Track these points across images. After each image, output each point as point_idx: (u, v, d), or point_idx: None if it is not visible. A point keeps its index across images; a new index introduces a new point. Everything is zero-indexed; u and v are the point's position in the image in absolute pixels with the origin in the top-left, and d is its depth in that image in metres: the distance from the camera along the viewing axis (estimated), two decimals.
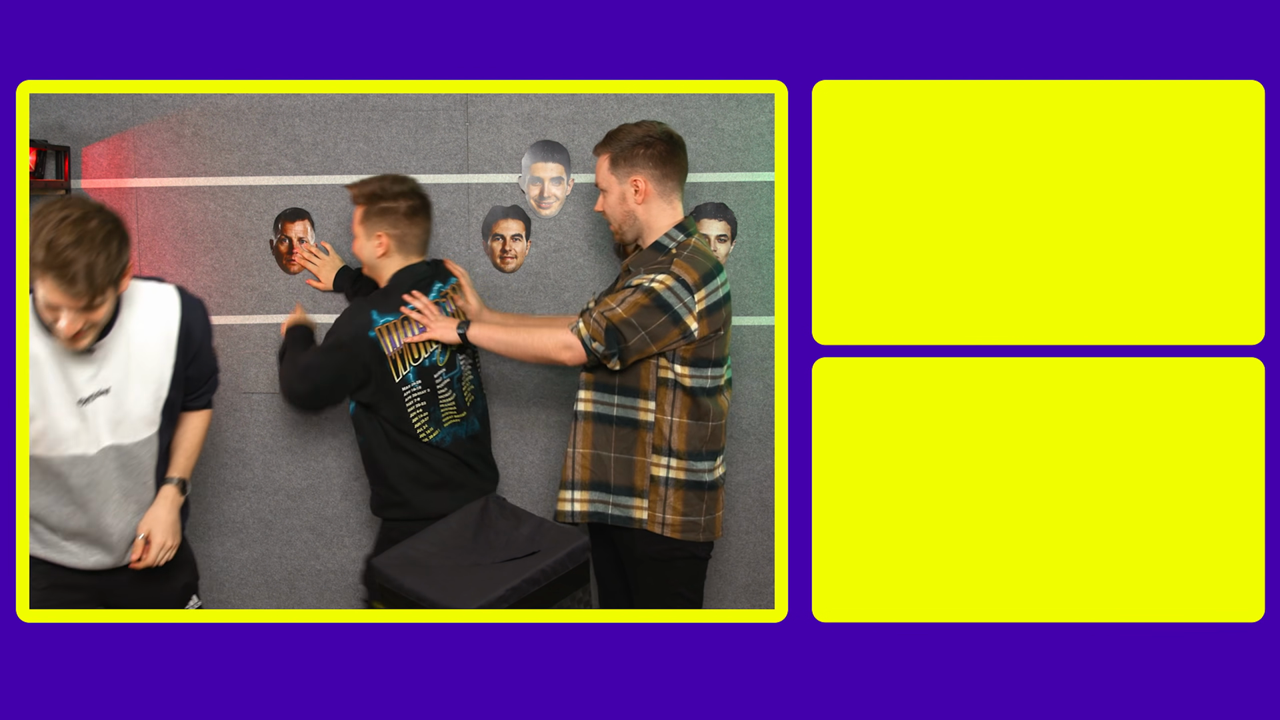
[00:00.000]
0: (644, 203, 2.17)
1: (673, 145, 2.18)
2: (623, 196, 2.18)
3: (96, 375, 1.82)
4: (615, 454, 2.19)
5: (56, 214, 1.65)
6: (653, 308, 2.07)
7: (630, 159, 2.16)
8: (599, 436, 2.19)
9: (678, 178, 2.20)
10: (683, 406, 2.16)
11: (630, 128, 2.19)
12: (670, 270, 2.09)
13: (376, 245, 2.30)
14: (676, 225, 2.19)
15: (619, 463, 2.19)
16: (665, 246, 2.17)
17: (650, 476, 2.18)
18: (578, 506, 2.21)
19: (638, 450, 2.18)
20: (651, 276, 2.09)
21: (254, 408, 2.65)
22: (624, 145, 2.17)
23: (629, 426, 2.18)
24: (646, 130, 2.17)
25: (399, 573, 1.91)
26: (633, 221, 2.20)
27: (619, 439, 2.19)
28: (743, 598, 2.70)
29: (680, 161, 2.20)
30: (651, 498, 2.18)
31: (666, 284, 2.07)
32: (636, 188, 2.16)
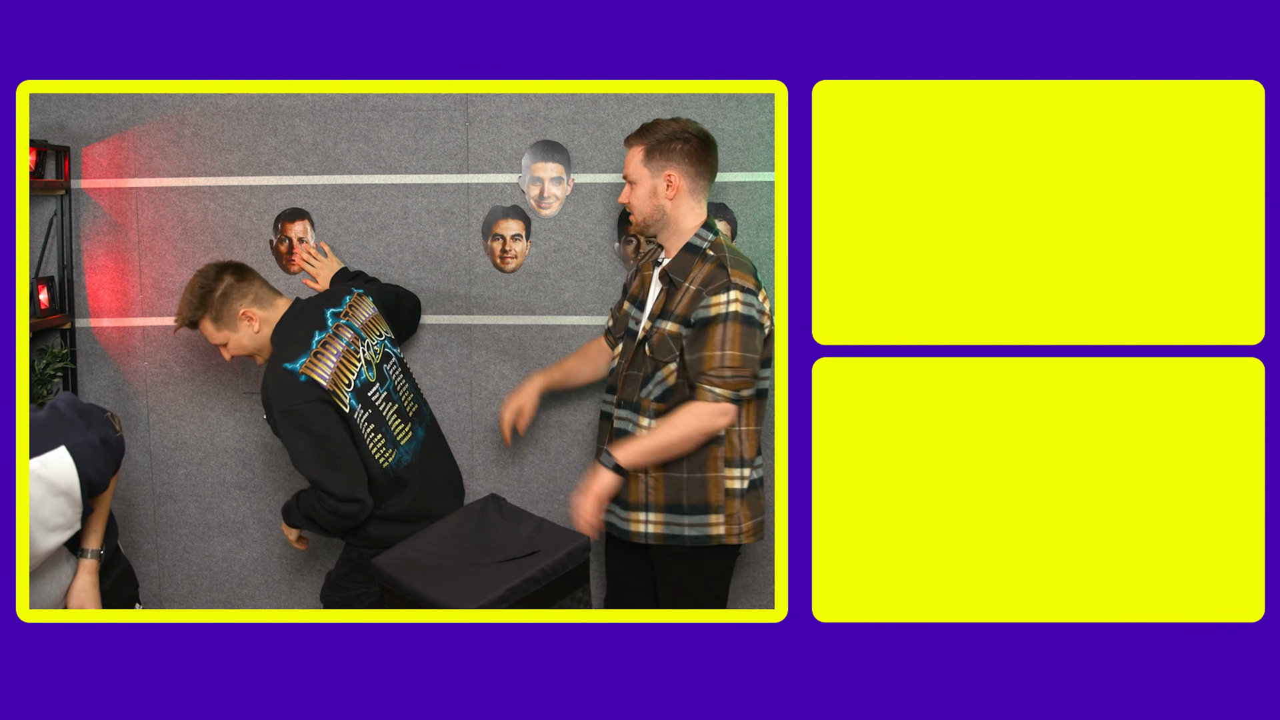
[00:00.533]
0: (674, 199, 2.15)
1: (708, 144, 2.16)
2: (654, 190, 2.15)
3: None
4: (688, 474, 2.15)
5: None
6: (749, 331, 2.07)
7: (666, 153, 2.13)
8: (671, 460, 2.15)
9: (709, 177, 2.18)
10: (751, 413, 2.17)
11: (666, 122, 2.16)
12: (735, 285, 2.06)
13: (248, 322, 2.22)
14: (704, 225, 2.18)
15: (692, 482, 2.15)
16: (699, 248, 2.15)
17: (725, 490, 2.17)
18: (651, 529, 2.18)
19: (709, 467, 2.15)
20: (723, 300, 2.06)
21: (254, 408, 2.65)
22: (660, 138, 2.13)
23: (702, 445, 2.15)
24: (683, 126, 2.15)
25: (399, 572, 1.91)
26: (660, 216, 2.17)
27: (691, 459, 2.15)
28: (743, 598, 2.70)
29: (713, 162, 2.18)
30: (728, 511, 2.17)
31: (741, 300, 2.06)
32: (670, 182, 2.14)
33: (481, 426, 2.66)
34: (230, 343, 2.23)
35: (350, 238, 2.59)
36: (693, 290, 2.10)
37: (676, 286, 2.13)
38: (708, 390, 2.07)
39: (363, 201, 2.57)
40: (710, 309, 2.06)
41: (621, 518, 2.21)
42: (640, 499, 2.18)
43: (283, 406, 2.14)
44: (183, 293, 2.23)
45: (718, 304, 2.06)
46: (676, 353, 2.12)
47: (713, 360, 2.06)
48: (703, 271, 2.11)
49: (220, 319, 2.21)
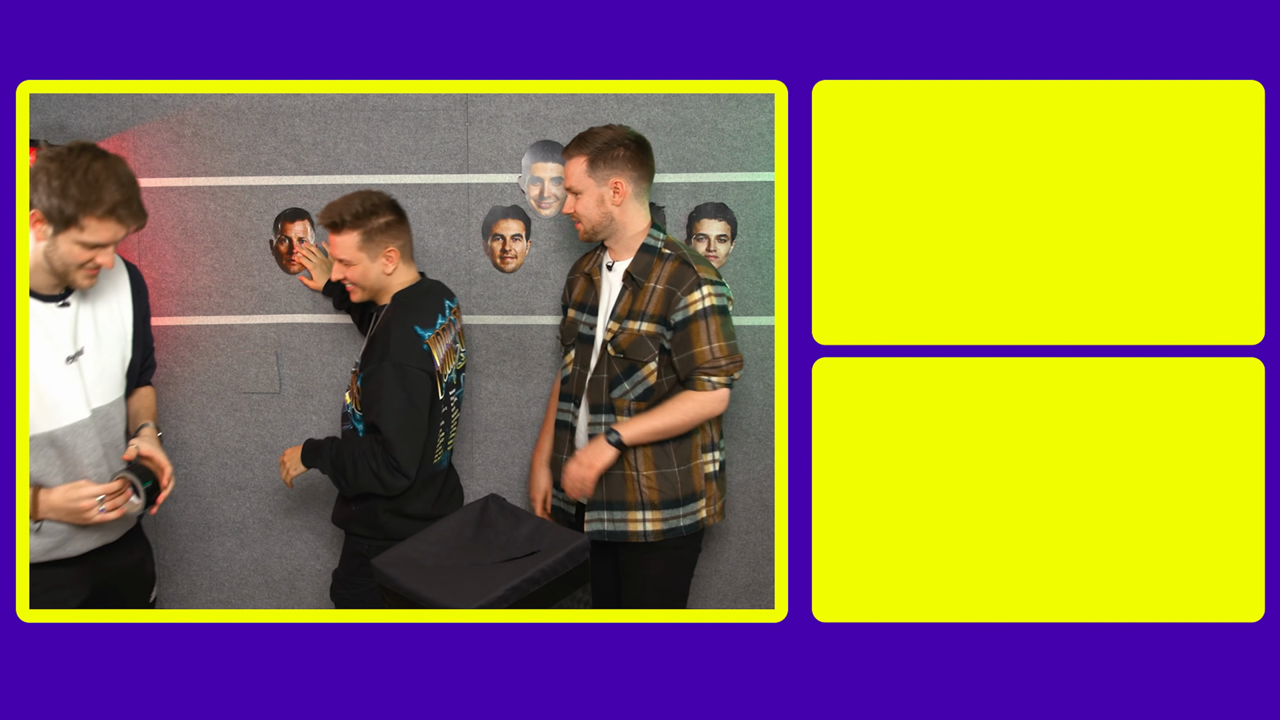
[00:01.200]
0: (621, 204, 2.21)
1: (645, 148, 2.23)
2: (601, 199, 2.20)
3: (74, 335, 1.85)
4: (679, 466, 2.24)
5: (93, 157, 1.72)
6: (727, 319, 2.18)
7: (609, 160, 2.18)
8: (660, 456, 2.23)
9: (649, 179, 2.25)
10: None
11: (601, 130, 2.20)
12: (704, 280, 2.15)
13: (387, 261, 2.24)
14: (653, 226, 2.25)
15: (683, 474, 2.24)
16: (655, 248, 2.22)
17: (705, 475, 2.27)
18: (650, 526, 2.24)
19: (694, 456, 2.26)
20: (698, 297, 2.15)
21: (254, 407, 2.65)
22: (601, 146, 2.18)
23: (685, 438, 2.24)
24: (620, 132, 2.20)
25: (399, 572, 1.91)
26: (609, 223, 2.22)
27: (678, 451, 2.24)
28: (743, 598, 2.70)
29: (651, 164, 2.24)
30: (708, 495, 2.28)
31: (714, 293, 2.16)
32: (617, 189, 2.19)
33: (481, 426, 2.67)
34: (359, 268, 2.23)
35: None
36: (661, 289, 2.18)
37: (640, 286, 2.20)
38: (706, 381, 2.16)
39: None
40: (689, 308, 2.15)
41: (615, 519, 2.24)
42: (636, 498, 2.22)
43: (399, 360, 2.16)
44: (342, 199, 2.23)
45: (694, 301, 2.15)
46: (655, 352, 2.18)
47: (705, 355, 2.16)
48: (666, 270, 2.19)
49: (369, 243, 2.21)
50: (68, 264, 1.77)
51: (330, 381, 2.64)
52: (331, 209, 2.21)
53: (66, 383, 1.83)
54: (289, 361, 2.64)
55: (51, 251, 1.75)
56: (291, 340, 2.63)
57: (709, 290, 2.15)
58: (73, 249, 1.75)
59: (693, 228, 2.55)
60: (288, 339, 2.62)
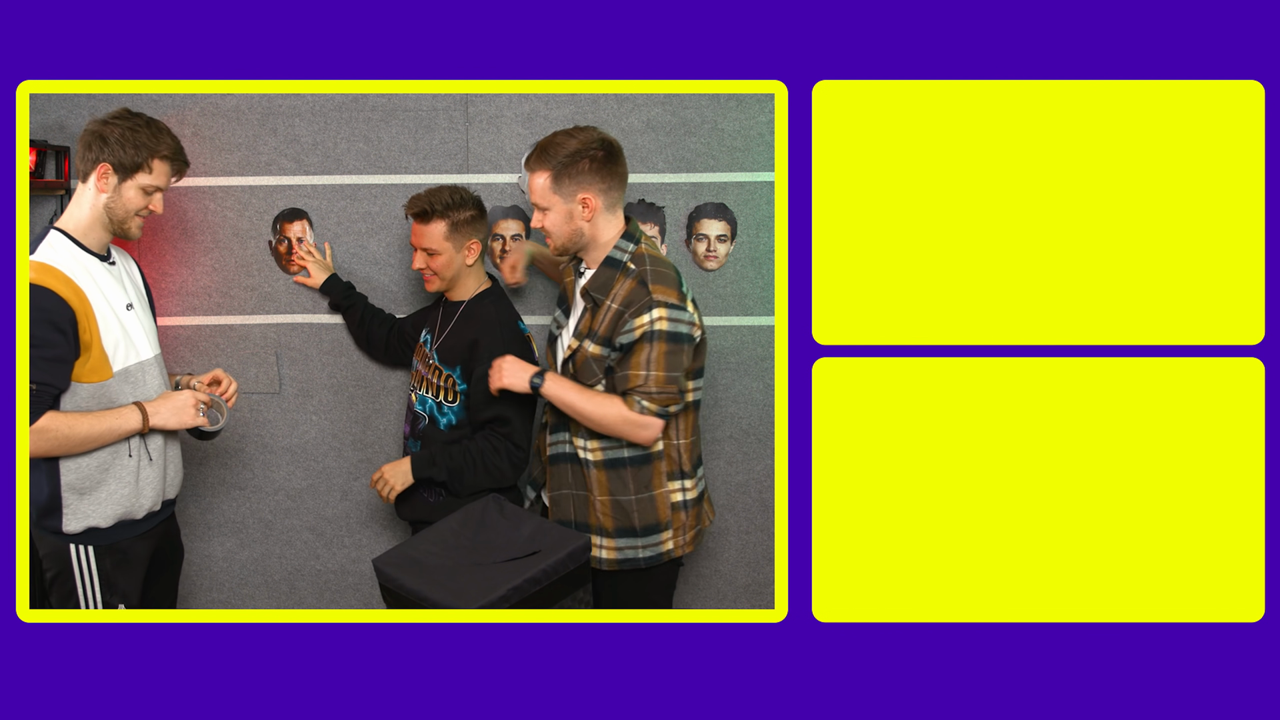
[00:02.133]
0: (591, 219, 2.05)
1: (614, 153, 2.05)
2: (569, 215, 2.04)
3: (124, 290, 2.03)
4: (636, 495, 2.13)
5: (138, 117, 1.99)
6: (674, 349, 2.01)
7: (575, 174, 2.01)
8: (615, 482, 2.12)
9: (621, 186, 2.08)
10: (686, 425, 2.15)
11: (565, 139, 2.03)
12: (658, 303, 1.99)
13: (471, 252, 2.30)
14: (623, 235, 2.08)
15: (641, 503, 2.13)
16: (619, 262, 2.07)
17: (672, 505, 2.15)
18: (605, 554, 2.14)
19: (655, 484, 2.13)
20: (646, 321, 1.99)
21: (254, 408, 2.65)
22: (564, 160, 2.01)
23: (644, 464, 2.12)
24: (585, 140, 2.02)
25: (400, 572, 1.91)
26: (579, 238, 2.07)
27: (635, 478, 2.12)
28: (743, 598, 2.70)
29: (622, 169, 2.07)
30: (675, 526, 2.16)
31: (664, 316, 1.99)
32: (586, 204, 2.03)
33: None
34: (444, 258, 2.28)
35: (350, 238, 2.59)
36: (614, 309, 2.03)
37: (599, 305, 2.06)
38: (635, 401, 2.03)
39: (363, 201, 2.57)
40: (635, 331, 2.00)
41: None
42: (596, 523, 2.14)
43: (519, 353, 2.25)
44: (429, 191, 2.29)
45: (641, 325, 1.99)
46: (600, 376, 2.08)
47: (637, 379, 2.01)
48: (624, 289, 2.03)
49: (454, 234, 2.27)
50: (128, 210, 1.98)
51: (330, 381, 2.64)
52: (419, 199, 2.28)
53: (133, 325, 2.02)
54: (289, 361, 2.64)
55: (114, 201, 1.97)
56: (291, 340, 2.63)
57: (660, 314, 1.98)
58: (135, 196, 1.98)
59: (693, 228, 2.55)
60: (288, 339, 2.62)
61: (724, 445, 2.64)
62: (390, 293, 2.60)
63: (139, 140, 1.95)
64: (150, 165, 1.97)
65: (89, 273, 1.95)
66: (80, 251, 1.96)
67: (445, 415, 2.31)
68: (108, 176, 1.95)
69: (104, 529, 1.98)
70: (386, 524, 2.70)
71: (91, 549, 1.98)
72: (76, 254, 1.95)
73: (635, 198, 2.54)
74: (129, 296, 2.04)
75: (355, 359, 2.63)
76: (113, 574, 2.00)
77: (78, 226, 1.97)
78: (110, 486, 1.97)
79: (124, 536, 2.02)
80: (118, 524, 2.00)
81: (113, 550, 2.00)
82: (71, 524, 1.95)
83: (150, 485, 2.04)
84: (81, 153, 1.96)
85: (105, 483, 1.96)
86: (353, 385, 2.64)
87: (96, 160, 1.95)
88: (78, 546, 1.97)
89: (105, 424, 1.92)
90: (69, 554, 1.97)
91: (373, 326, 2.54)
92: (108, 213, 1.97)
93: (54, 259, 1.91)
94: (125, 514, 2.00)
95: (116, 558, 2.01)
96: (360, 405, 2.65)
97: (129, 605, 2.03)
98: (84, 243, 1.97)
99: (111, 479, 1.97)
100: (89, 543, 1.98)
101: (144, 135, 1.95)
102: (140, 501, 2.02)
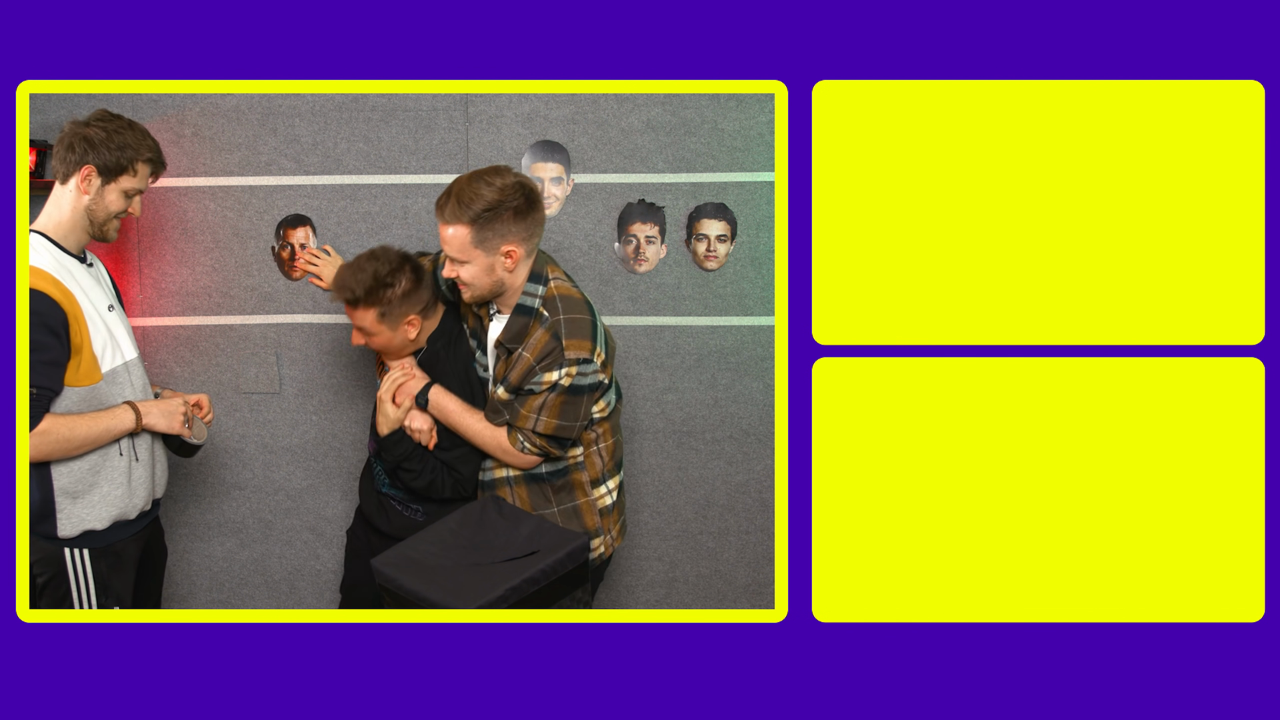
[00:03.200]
0: (514, 268, 2.00)
1: (533, 198, 1.98)
2: (490, 267, 1.97)
3: (104, 291, 2.03)
4: (559, 507, 2.13)
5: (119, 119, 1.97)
6: (572, 400, 2.00)
7: (497, 227, 1.94)
8: (536, 498, 2.12)
9: (541, 231, 2.02)
10: (604, 431, 2.15)
11: (482, 188, 1.93)
12: (568, 361, 1.96)
13: (408, 329, 2.14)
14: (530, 278, 2.03)
15: (565, 514, 2.13)
16: (530, 308, 2.02)
17: (599, 511, 2.16)
18: None
19: (578, 494, 2.14)
20: (553, 376, 1.97)
21: (254, 408, 2.65)
22: (484, 213, 1.92)
23: (561, 476, 2.12)
24: (502, 187, 1.93)
25: (399, 572, 1.91)
26: (499, 288, 2.02)
27: (557, 491, 2.13)
28: (743, 598, 2.70)
29: (541, 214, 2.00)
30: (605, 528, 2.17)
31: (572, 374, 1.97)
32: (510, 256, 1.97)
33: None
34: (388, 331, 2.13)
35: (350, 238, 2.59)
36: (527, 359, 2.00)
37: (511, 353, 2.04)
38: (518, 438, 2.04)
39: (363, 202, 2.57)
40: (541, 384, 1.99)
41: None
42: None
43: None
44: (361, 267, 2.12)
45: (548, 380, 1.98)
46: (506, 416, 2.07)
47: (526, 420, 2.01)
48: (538, 340, 1.99)
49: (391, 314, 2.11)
50: (109, 213, 1.97)
51: (330, 381, 2.64)
52: (344, 286, 2.13)
53: (116, 325, 2.02)
54: (289, 361, 2.64)
55: (96, 203, 1.95)
56: (291, 340, 2.63)
57: (568, 372, 1.96)
58: (116, 199, 1.97)
59: (693, 228, 2.55)
60: (288, 339, 2.62)
61: (724, 445, 2.64)
62: None
63: (123, 142, 1.93)
64: (134, 167, 1.96)
65: (71, 275, 1.94)
66: (61, 254, 1.95)
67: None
68: (91, 179, 1.93)
69: (100, 531, 1.98)
70: None
71: (87, 552, 1.98)
72: (58, 256, 1.94)
73: (635, 198, 2.54)
74: (109, 297, 2.05)
75: (355, 359, 2.63)
76: (108, 576, 2.01)
77: (58, 229, 1.95)
78: (104, 489, 1.97)
79: (118, 538, 2.02)
80: (113, 525, 2.00)
81: (107, 552, 2.00)
82: (66, 528, 1.95)
83: (142, 484, 2.04)
84: (62, 154, 1.93)
85: (98, 485, 1.96)
86: (353, 385, 2.64)
87: (80, 162, 1.92)
88: (73, 550, 1.97)
89: (102, 424, 1.92)
90: (63, 558, 1.97)
91: None
92: (88, 215, 1.96)
93: (39, 262, 1.90)
94: (120, 515, 2.00)
95: (111, 560, 2.01)
96: (360, 405, 2.65)
97: (123, 607, 2.03)
98: (64, 245, 1.96)
99: (104, 480, 1.97)
100: (84, 546, 1.98)
101: (128, 137, 1.94)
102: (134, 501, 2.02)
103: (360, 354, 2.63)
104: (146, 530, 2.12)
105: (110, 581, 2.01)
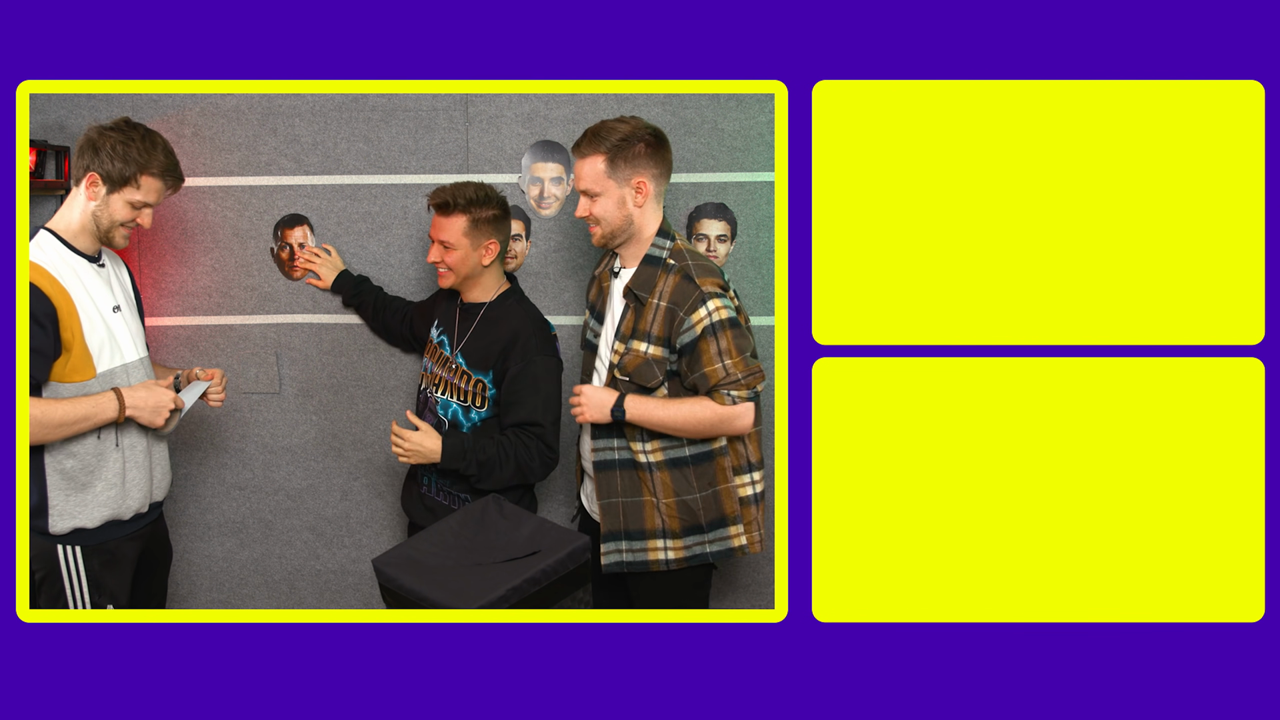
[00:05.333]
0: (643, 205, 2.07)
1: (662, 140, 2.08)
2: (622, 200, 2.05)
3: (111, 292, 2.05)
4: (700, 493, 2.11)
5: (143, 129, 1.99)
6: (737, 331, 2.02)
7: (630, 158, 2.03)
8: (679, 483, 2.10)
9: (669, 176, 2.12)
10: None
11: (616, 124, 2.05)
12: (709, 295, 2.00)
13: (484, 253, 2.27)
14: (659, 232, 2.10)
15: (705, 500, 2.11)
16: (659, 259, 2.07)
17: (740, 499, 2.14)
18: (672, 554, 2.13)
19: (719, 479, 2.12)
20: (703, 314, 2.00)
21: (254, 408, 2.65)
22: (619, 143, 2.03)
23: (706, 461, 2.11)
24: (637, 126, 2.05)
25: (400, 572, 1.91)
26: (628, 226, 2.08)
27: (699, 476, 2.11)
28: (743, 598, 2.70)
29: (670, 156, 2.10)
30: (746, 520, 2.15)
31: (721, 305, 2.01)
32: (640, 189, 2.05)
33: None
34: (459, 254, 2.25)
35: (350, 238, 2.59)
36: (664, 308, 2.03)
37: (644, 303, 2.06)
38: (725, 396, 2.03)
39: (363, 202, 2.57)
40: (695, 327, 2.00)
41: (635, 549, 2.15)
42: (657, 526, 2.13)
43: (550, 352, 2.27)
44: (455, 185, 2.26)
45: (700, 320, 2.00)
46: (662, 377, 2.06)
47: (718, 374, 2.01)
48: (669, 285, 2.03)
49: (474, 230, 2.23)
50: (114, 221, 1.99)
51: (330, 381, 2.64)
52: (442, 191, 2.26)
53: (119, 327, 2.03)
54: (289, 361, 2.64)
55: (101, 210, 1.98)
56: (291, 340, 2.63)
57: (715, 305, 2.00)
58: (122, 208, 1.98)
59: (693, 228, 2.55)
60: (288, 339, 2.62)
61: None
62: (390, 293, 2.60)
63: (129, 155, 1.94)
64: (139, 181, 1.96)
65: (76, 273, 1.95)
66: (69, 252, 1.97)
67: (471, 419, 2.30)
68: (96, 186, 1.96)
69: (91, 529, 1.99)
70: (386, 524, 2.70)
71: (79, 549, 1.98)
72: (65, 254, 1.96)
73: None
74: (116, 299, 2.05)
75: (355, 359, 2.63)
76: (100, 574, 2.01)
77: (68, 228, 1.99)
78: (97, 488, 1.98)
79: (111, 537, 2.02)
80: (105, 524, 2.01)
81: (100, 550, 2.01)
82: (58, 524, 1.96)
83: (137, 487, 2.05)
84: (75, 157, 1.97)
85: (92, 484, 1.97)
86: (353, 385, 2.64)
87: (87, 168, 1.95)
88: (65, 547, 1.98)
89: (81, 410, 1.91)
90: (56, 555, 1.98)
91: (387, 318, 2.54)
92: (94, 220, 1.98)
93: (40, 258, 1.92)
94: (113, 515, 2.01)
95: (104, 558, 2.01)
96: (360, 405, 2.65)
97: (117, 606, 2.04)
98: (74, 244, 1.99)
99: (99, 480, 1.98)
100: (76, 543, 1.98)
101: (135, 150, 1.94)
102: (127, 503, 2.03)
103: (360, 354, 2.63)
104: (146, 531, 2.12)
105: (103, 579, 2.01)
